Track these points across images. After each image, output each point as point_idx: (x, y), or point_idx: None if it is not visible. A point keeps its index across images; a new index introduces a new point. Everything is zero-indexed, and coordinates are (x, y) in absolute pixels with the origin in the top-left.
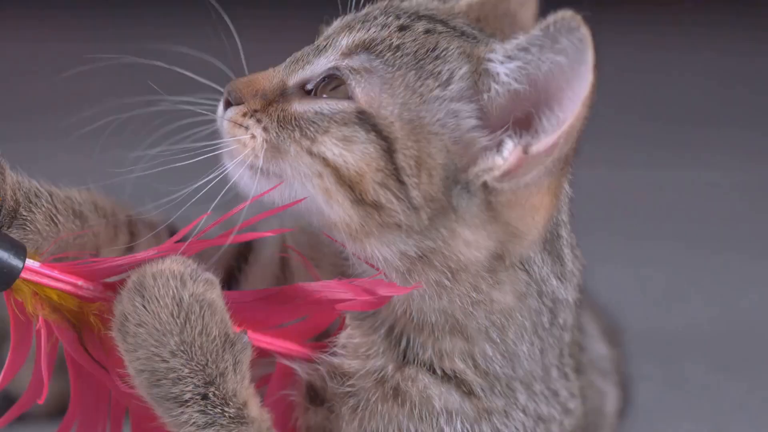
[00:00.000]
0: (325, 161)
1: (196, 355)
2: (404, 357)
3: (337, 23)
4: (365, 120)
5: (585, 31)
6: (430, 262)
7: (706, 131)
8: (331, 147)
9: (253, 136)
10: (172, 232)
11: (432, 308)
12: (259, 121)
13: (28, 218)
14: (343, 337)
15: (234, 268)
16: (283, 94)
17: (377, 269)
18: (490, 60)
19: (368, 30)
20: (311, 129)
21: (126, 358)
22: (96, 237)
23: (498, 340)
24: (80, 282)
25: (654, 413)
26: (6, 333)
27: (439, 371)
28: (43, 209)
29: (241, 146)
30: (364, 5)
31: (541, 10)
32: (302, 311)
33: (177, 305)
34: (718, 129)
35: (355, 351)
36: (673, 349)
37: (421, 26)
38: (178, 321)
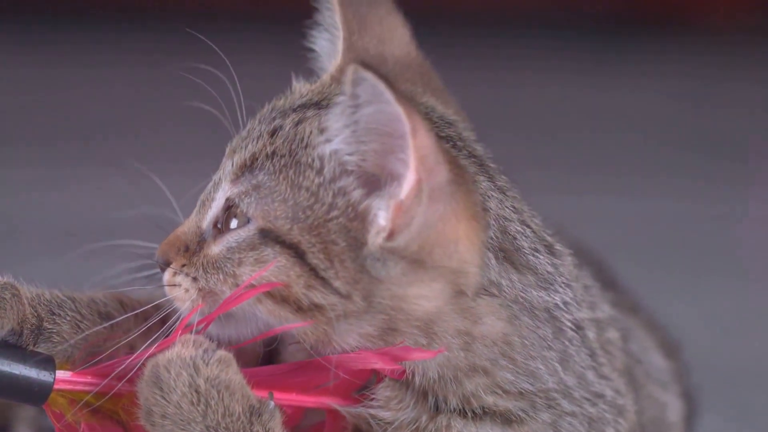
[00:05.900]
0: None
1: None
2: (437, 408)
3: (227, 149)
4: (267, 236)
5: (369, 76)
6: (396, 331)
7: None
8: (251, 275)
9: (187, 290)
10: None
11: (430, 367)
12: (187, 275)
13: (54, 330)
14: (378, 390)
15: None
16: (201, 241)
17: None
18: (325, 141)
19: (247, 147)
20: (229, 266)
21: None
22: (128, 334)
23: (511, 366)
24: (114, 382)
25: None
26: None
27: (470, 413)
28: (68, 318)
29: (182, 302)
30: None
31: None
32: (336, 375)
33: (195, 393)
34: None
35: (387, 403)
36: (740, 384)
37: (290, 121)
38: (198, 408)
